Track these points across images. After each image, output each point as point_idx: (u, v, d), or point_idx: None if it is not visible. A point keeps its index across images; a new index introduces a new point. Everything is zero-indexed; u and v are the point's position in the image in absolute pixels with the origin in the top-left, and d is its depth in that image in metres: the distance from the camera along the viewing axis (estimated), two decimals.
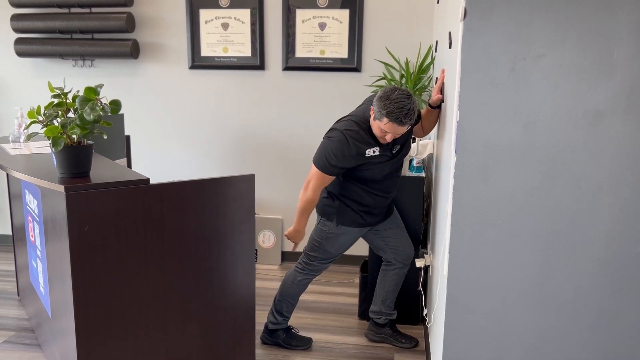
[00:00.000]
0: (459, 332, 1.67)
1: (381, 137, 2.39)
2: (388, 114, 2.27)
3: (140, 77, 3.98)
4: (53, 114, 1.99)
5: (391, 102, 2.27)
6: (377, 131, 2.39)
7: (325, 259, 2.67)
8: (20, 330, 2.94)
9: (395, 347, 2.81)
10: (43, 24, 3.83)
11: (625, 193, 1.47)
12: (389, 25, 3.64)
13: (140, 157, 4.11)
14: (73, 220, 1.90)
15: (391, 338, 2.84)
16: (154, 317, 2.13)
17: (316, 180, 2.47)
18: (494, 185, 1.55)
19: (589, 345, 1.59)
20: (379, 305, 2.84)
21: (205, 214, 2.18)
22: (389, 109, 2.27)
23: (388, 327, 2.85)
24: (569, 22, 1.42)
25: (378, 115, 2.32)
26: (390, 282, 2.80)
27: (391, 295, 2.82)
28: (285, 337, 2.76)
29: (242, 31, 3.77)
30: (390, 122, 2.28)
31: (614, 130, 1.44)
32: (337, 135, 2.41)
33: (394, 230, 2.75)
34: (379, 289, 2.84)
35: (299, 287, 2.71)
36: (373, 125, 2.40)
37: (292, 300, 2.73)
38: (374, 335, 2.87)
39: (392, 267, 2.79)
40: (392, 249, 2.75)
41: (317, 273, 2.71)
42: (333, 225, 2.60)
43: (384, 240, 2.75)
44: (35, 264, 2.64)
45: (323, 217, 2.64)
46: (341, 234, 2.61)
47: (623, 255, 1.51)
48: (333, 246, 2.63)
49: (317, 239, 2.65)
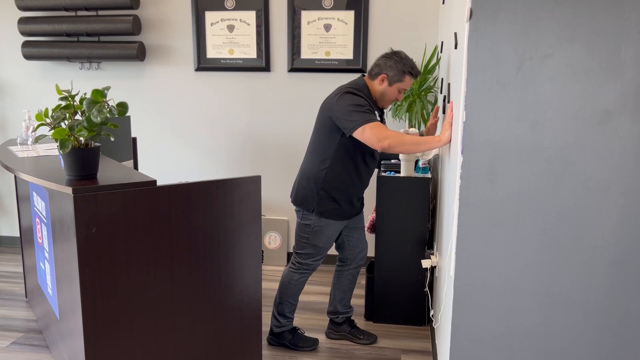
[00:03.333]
0: (466, 333, 1.67)
1: (395, 99, 2.51)
2: (411, 71, 2.43)
3: (147, 79, 3.99)
4: (61, 117, 2.00)
5: (404, 60, 2.44)
6: (393, 95, 2.48)
7: (317, 254, 2.66)
8: (28, 331, 2.95)
9: (402, 349, 2.80)
10: (50, 27, 3.85)
11: (633, 192, 1.46)
12: (394, 26, 3.64)
13: (146, 159, 4.13)
14: (81, 221, 1.90)
15: (350, 335, 2.87)
16: (162, 318, 2.14)
17: (373, 130, 2.27)
18: (501, 185, 1.55)
19: (598, 346, 1.58)
20: (335, 306, 2.87)
21: (213, 215, 2.18)
22: (409, 67, 2.43)
23: (346, 324, 2.89)
24: (576, 22, 1.41)
25: (398, 77, 2.44)
26: (346, 281, 2.84)
27: (347, 294, 2.86)
28: (291, 339, 2.77)
29: (247, 33, 3.78)
30: (411, 77, 2.45)
31: (622, 130, 1.44)
32: (346, 93, 2.41)
33: (358, 231, 2.79)
34: (335, 289, 2.87)
35: (297, 286, 2.72)
36: (386, 92, 2.48)
37: (292, 301, 2.74)
38: (334, 333, 2.91)
39: (347, 267, 2.83)
40: (352, 249, 2.79)
41: (311, 270, 2.71)
42: (316, 219, 2.58)
43: (347, 239, 2.77)
44: (43, 265, 2.65)
45: (301, 207, 2.60)
46: (326, 225, 2.60)
47: (632, 255, 1.50)
48: (321, 239, 2.62)
49: (305, 236, 2.63)
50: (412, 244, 2.93)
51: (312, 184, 2.55)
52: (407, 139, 2.23)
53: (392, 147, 2.24)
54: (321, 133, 2.52)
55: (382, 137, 2.24)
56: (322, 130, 2.51)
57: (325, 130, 2.49)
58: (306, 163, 2.60)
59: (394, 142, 2.23)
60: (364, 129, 2.29)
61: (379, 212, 2.94)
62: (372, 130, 2.27)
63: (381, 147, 2.25)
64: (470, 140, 1.54)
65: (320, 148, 2.53)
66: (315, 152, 2.56)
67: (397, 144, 2.23)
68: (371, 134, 2.27)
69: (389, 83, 2.44)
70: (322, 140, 2.52)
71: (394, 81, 2.43)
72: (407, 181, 2.88)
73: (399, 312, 3.03)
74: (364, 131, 2.29)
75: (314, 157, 2.56)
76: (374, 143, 2.27)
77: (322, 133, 2.51)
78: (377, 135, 2.25)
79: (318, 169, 2.53)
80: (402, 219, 2.92)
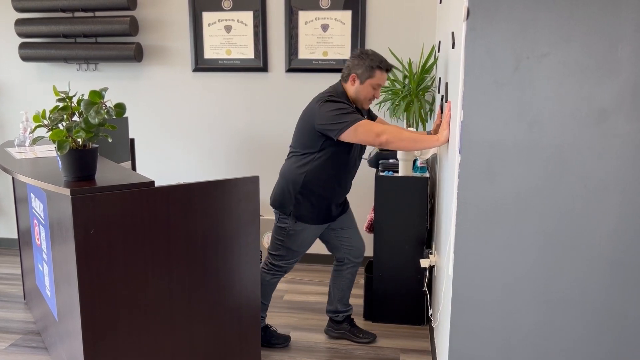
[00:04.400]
0: (465, 332, 1.67)
1: (371, 96, 2.47)
2: (379, 65, 2.41)
3: (144, 80, 3.99)
4: (58, 118, 1.99)
5: (371, 56, 2.43)
6: (368, 92, 2.46)
7: (290, 257, 2.66)
8: (27, 333, 2.95)
9: (401, 348, 2.80)
10: (47, 29, 3.84)
11: (631, 191, 1.47)
12: (391, 26, 3.64)
13: (144, 160, 4.12)
14: (79, 223, 1.90)
15: (349, 333, 2.87)
16: (160, 319, 2.14)
17: (367, 126, 2.23)
18: (499, 184, 1.55)
19: (595, 344, 1.58)
20: (335, 305, 2.87)
21: (211, 215, 2.18)
22: (377, 62, 2.41)
23: (346, 323, 2.89)
24: (573, 21, 1.42)
25: (367, 73, 2.42)
26: (345, 280, 2.84)
27: (346, 292, 2.86)
28: (264, 336, 2.78)
29: (245, 33, 3.78)
30: (381, 71, 2.42)
31: (619, 128, 1.44)
32: (327, 101, 2.40)
33: (349, 230, 2.78)
34: (334, 288, 2.87)
35: (268, 287, 2.72)
36: (360, 90, 2.47)
37: (264, 301, 2.74)
38: (333, 332, 2.91)
39: (345, 266, 2.83)
40: (347, 248, 2.79)
41: (284, 272, 2.71)
42: (292, 222, 2.58)
43: (339, 240, 2.77)
44: (42, 267, 2.65)
45: (278, 210, 2.60)
46: (301, 230, 2.59)
47: (630, 254, 1.51)
48: (295, 243, 2.62)
49: (279, 238, 2.63)
50: (411, 243, 2.93)
51: (290, 187, 2.54)
52: (405, 135, 2.21)
53: (389, 142, 2.21)
54: (301, 138, 2.51)
55: (379, 132, 2.21)
56: (301, 136, 2.51)
57: (305, 137, 2.48)
58: (285, 166, 2.60)
59: (392, 137, 2.21)
60: (356, 128, 2.27)
61: (378, 212, 2.94)
62: (366, 126, 2.25)
63: (379, 142, 2.22)
64: (468, 140, 1.55)
65: (299, 152, 2.53)
66: (294, 156, 2.56)
67: (395, 139, 2.21)
68: (365, 131, 2.24)
69: (360, 81, 2.45)
70: (301, 145, 2.51)
71: (364, 78, 2.43)
72: (405, 181, 2.89)
73: (398, 311, 3.03)
74: (356, 130, 2.26)
75: (293, 160, 2.55)
76: (371, 138, 2.23)
77: (302, 138, 2.50)
78: (373, 131, 2.22)
79: (297, 173, 2.52)
80: (401, 219, 2.92)
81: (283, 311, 3.23)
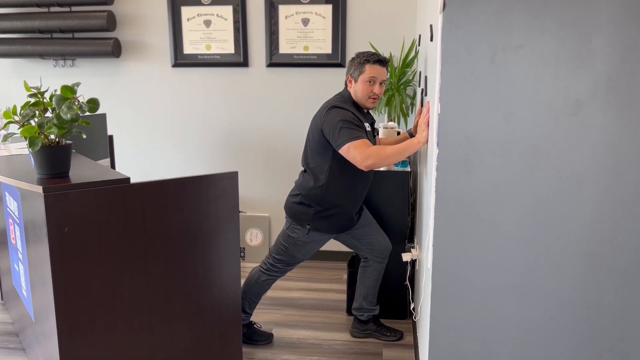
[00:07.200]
0: (444, 325, 1.66)
1: (370, 92, 2.46)
2: (367, 59, 2.43)
3: (123, 76, 3.93)
4: (30, 114, 1.95)
5: (361, 54, 2.47)
6: (364, 89, 2.45)
7: (290, 263, 2.67)
8: (4, 334, 2.89)
9: (384, 342, 2.80)
10: (22, 24, 3.76)
11: (605, 182, 1.47)
12: (372, 20, 3.62)
13: (124, 157, 4.07)
14: (52, 221, 1.86)
15: (376, 333, 2.84)
16: (138, 318, 2.11)
17: (357, 149, 2.26)
18: (477, 177, 1.54)
19: (573, 335, 1.59)
20: (360, 302, 2.84)
21: (188, 212, 2.15)
22: (364, 57, 2.44)
23: (372, 322, 2.86)
24: (547, 11, 1.41)
25: (358, 70, 2.45)
26: (371, 278, 2.81)
27: (372, 291, 2.83)
28: (246, 332, 2.76)
29: (224, 28, 3.73)
30: (371, 64, 2.42)
31: (594, 119, 1.44)
32: (332, 107, 2.41)
33: (366, 228, 2.74)
34: (360, 286, 2.84)
35: (262, 286, 2.71)
36: (357, 89, 2.47)
37: (254, 299, 2.73)
38: (359, 332, 2.87)
39: (370, 263, 2.80)
40: (368, 246, 2.75)
41: (281, 275, 2.71)
42: (303, 234, 2.56)
43: (357, 239, 2.74)
44: (17, 267, 2.60)
45: (294, 222, 2.58)
46: (310, 241, 2.59)
47: (605, 245, 1.51)
48: (300, 252, 2.62)
49: (285, 244, 2.62)
50: (393, 237, 2.92)
51: (308, 201, 2.53)
52: (388, 152, 2.24)
53: (376, 164, 2.25)
54: (314, 148, 2.50)
55: (364, 157, 2.25)
56: (314, 146, 2.49)
57: (317, 146, 2.47)
58: (301, 179, 2.58)
59: (377, 159, 2.24)
60: (349, 147, 2.29)
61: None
62: (356, 149, 2.27)
63: (365, 166, 2.25)
64: (445, 133, 1.54)
65: (314, 164, 2.51)
66: (309, 169, 2.54)
67: (380, 160, 2.24)
68: (355, 154, 2.27)
69: (355, 80, 2.48)
70: (315, 155, 2.50)
71: (356, 75, 2.46)
72: (387, 175, 2.88)
73: (381, 306, 3.03)
74: (349, 150, 2.29)
75: (309, 173, 2.54)
76: (358, 163, 2.28)
77: (315, 148, 2.49)
78: (360, 155, 2.26)
79: (314, 186, 2.50)
80: (383, 213, 2.92)
81: (266, 307, 3.22)
